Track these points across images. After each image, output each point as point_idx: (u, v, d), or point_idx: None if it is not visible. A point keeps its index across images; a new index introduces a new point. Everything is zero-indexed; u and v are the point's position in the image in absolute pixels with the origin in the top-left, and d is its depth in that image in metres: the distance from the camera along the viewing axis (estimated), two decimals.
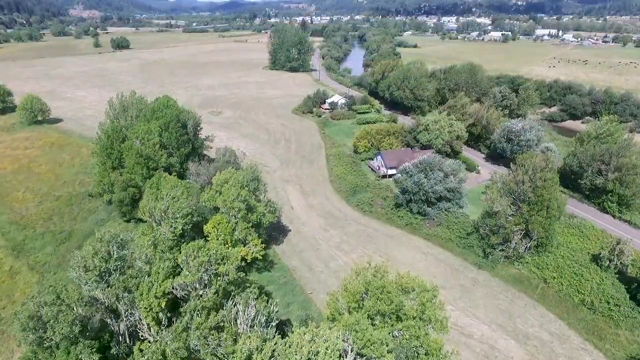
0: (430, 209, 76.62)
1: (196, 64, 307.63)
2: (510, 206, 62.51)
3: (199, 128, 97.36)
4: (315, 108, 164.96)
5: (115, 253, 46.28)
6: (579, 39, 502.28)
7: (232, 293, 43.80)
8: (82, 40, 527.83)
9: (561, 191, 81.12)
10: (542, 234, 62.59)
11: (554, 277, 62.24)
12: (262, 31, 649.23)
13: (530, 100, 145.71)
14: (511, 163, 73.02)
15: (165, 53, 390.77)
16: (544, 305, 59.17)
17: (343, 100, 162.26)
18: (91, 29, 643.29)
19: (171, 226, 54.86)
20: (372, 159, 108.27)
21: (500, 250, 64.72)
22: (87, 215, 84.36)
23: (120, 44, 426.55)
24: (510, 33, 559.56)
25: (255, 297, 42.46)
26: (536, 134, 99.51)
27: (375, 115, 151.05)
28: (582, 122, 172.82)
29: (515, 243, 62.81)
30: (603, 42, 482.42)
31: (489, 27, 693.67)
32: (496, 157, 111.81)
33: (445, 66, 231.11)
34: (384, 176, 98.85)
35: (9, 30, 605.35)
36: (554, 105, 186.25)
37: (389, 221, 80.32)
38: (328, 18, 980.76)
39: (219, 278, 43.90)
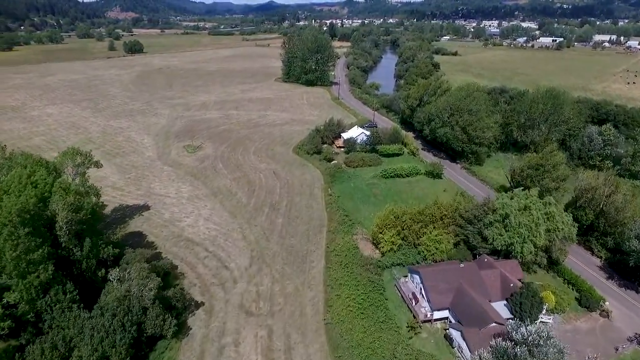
0: None
1: (202, 73, 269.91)
2: None
3: (100, 221, 54.54)
4: (326, 144, 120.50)
5: None
6: None
7: None
8: (102, 42, 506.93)
9: None
10: None
11: None
12: (289, 34, 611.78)
13: None
14: None
15: (176, 59, 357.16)
16: None
17: (364, 136, 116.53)
18: (115, 30, 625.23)
19: None
20: (404, 265, 62.42)
21: None
22: None
23: (133, 48, 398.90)
24: (563, 39, 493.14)
25: None
26: None
27: (409, 162, 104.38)
28: None
29: None
30: None
31: (537, 32, 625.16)
32: (626, 268, 63.11)
33: (497, 81, 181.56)
34: (427, 321, 52.92)
35: (37, 32, 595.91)
36: None
37: None
38: (359, 21, 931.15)
39: None
